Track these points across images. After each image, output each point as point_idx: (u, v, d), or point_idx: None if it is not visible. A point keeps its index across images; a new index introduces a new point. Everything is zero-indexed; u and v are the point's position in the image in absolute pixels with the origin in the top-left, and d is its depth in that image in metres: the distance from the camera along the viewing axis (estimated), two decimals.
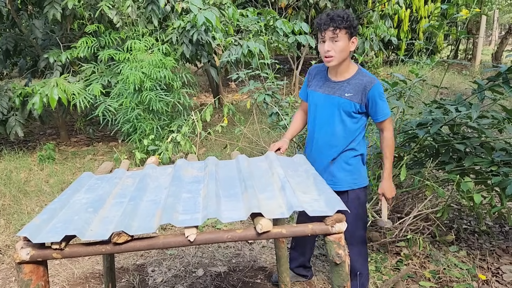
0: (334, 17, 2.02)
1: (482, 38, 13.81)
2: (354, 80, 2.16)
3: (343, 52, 2.08)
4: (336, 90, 2.18)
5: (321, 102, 2.24)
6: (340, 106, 2.17)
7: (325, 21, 2.03)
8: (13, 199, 4.06)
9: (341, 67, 2.16)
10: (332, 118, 2.21)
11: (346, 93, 2.15)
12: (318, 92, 2.25)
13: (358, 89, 2.13)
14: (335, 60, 2.09)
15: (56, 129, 6.83)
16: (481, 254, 2.98)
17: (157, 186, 1.91)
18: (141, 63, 4.63)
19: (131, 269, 2.95)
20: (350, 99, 2.14)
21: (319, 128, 2.28)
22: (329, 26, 2.02)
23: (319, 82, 2.27)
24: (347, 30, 2.04)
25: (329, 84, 2.22)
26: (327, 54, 2.08)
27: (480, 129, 2.66)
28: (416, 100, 6.38)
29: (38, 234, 1.41)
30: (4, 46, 5.78)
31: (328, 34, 2.04)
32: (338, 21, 2.01)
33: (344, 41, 2.06)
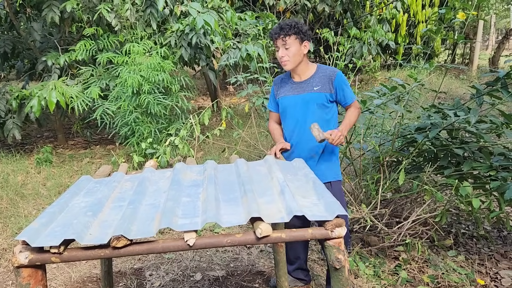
0: (283, 26, 2.25)
1: (479, 42, 13.89)
2: (317, 75, 2.36)
3: (296, 56, 2.29)
4: (305, 88, 2.36)
5: (293, 103, 2.39)
6: (313, 100, 2.34)
7: (275, 31, 2.27)
8: (10, 202, 4.04)
9: (300, 68, 2.37)
10: (307, 113, 2.36)
11: (314, 87, 2.34)
12: (288, 96, 2.41)
13: (324, 80, 2.33)
14: (290, 64, 2.31)
15: (53, 132, 6.81)
16: (479, 258, 2.98)
17: (156, 189, 1.90)
18: (140, 66, 4.63)
19: (129, 273, 2.94)
20: (319, 91, 2.33)
21: (297, 128, 2.39)
22: (279, 35, 2.25)
23: (286, 88, 2.44)
24: (296, 35, 2.26)
25: (296, 86, 2.39)
26: (282, 60, 2.30)
27: (479, 133, 2.67)
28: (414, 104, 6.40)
29: (36, 238, 1.40)
30: (2, 48, 5.77)
31: (280, 42, 2.27)
32: (286, 29, 2.23)
33: (295, 46, 2.27)
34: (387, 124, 4.02)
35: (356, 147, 3.34)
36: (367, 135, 3.56)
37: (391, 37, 9.20)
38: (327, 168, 2.40)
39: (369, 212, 2.83)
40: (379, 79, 10.38)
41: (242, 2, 9.81)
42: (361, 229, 3.13)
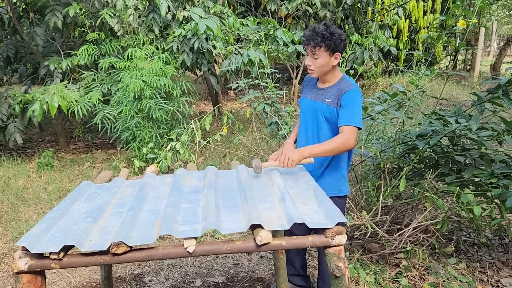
0: (315, 35, 2.10)
1: (480, 49, 13.91)
2: (336, 86, 2.25)
3: (323, 67, 2.18)
4: (320, 96, 2.29)
5: (308, 107, 2.35)
6: (322, 112, 2.26)
7: (307, 37, 2.13)
8: (11, 206, 4.04)
9: (326, 76, 2.27)
10: (317, 123, 2.30)
11: (327, 99, 2.25)
12: (307, 98, 2.38)
13: (336, 94, 2.21)
14: (316, 74, 2.23)
15: (55, 136, 6.82)
16: (480, 266, 2.96)
17: (156, 195, 1.90)
18: (141, 71, 4.64)
19: (129, 279, 2.93)
20: (329, 105, 2.22)
21: (307, 133, 2.37)
22: (309, 44, 2.13)
23: (309, 90, 2.40)
24: (327, 48, 2.12)
25: (316, 91, 2.33)
26: (309, 68, 2.23)
27: (480, 141, 2.66)
28: (415, 110, 6.40)
29: (36, 243, 1.41)
30: (5, 53, 5.80)
31: (309, 50, 2.16)
32: (318, 39, 2.09)
33: (323, 58, 2.15)
34: (388, 131, 4.02)
35: (357, 153, 3.33)
36: (368, 141, 3.56)
37: (392, 43, 9.20)
38: (330, 182, 2.31)
39: (370, 218, 2.82)
40: (380, 85, 10.39)
41: (244, 8, 9.86)
42: (361, 236, 3.12)
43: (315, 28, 2.12)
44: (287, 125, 3.87)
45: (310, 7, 8.34)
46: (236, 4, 9.23)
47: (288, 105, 4.12)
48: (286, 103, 8.46)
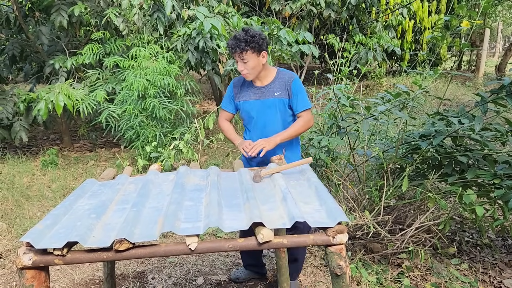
0: (238, 42, 2.23)
1: (485, 50, 13.85)
2: (277, 80, 2.42)
3: (255, 68, 2.32)
4: (266, 93, 2.42)
5: (255, 108, 2.44)
6: (274, 106, 2.41)
7: (232, 46, 2.26)
8: (16, 203, 4.08)
9: (261, 75, 2.41)
10: (271, 118, 2.43)
11: (275, 93, 2.40)
12: (251, 100, 2.45)
13: (283, 86, 2.40)
14: (252, 76, 2.36)
15: (59, 135, 6.86)
16: (483, 267, 2.96)
17: (159, 192, 1.92)
18: (146, 71, 4.66)
19: (131, 276, 2.95)
20: (280, 97, 2.40)
21: (261, 132, 2.44)
22: (236, 51, 2.26)
23: (247, 92, 2.47)
24: (253, 50, 2.26)
25: (258, 91, 2.44)
26: (242, 73, 2.34)
27: (483, 141, 2.66)
28: (418, 111, 6.39)
29: (40, 240, 1.42)
30: (10, 51, 5.84)
31: (237, 57, 2.29)
32: (242, 45, 2.23)
33: (253, 60, 2.29)
34: (391, 131, 4.01)
35: (360, 153, 3.34)
36: (371, 141, 3.56)
37: (396, 44, 9.20)
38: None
39: (372, 218, 2.83)
40: (384, 85, 10.37)
41: (248, 8, 9.87)
42: (364, 235, 3.13)
43: (236, 36, 2.26)
44: None
45: (315, 7, 8.35)
46: (240, 4, 9.24)
47: None
48: None
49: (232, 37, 2.28)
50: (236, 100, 2.52)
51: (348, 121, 3.08)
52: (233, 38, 2.27)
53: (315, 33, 9.99)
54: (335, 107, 3.26)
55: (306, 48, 5.75)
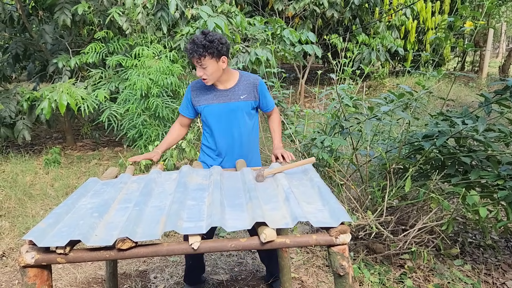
0: (196, 47, 2.14)
1: (489, 50, 13.80)
2: (242, 82, 2.38)
3: (214, 74, 2.25)
4: (231, 97, 2.36)
5: (219, 112, 2.37)
6: (240, 109, 2.37)
7: (190, 51, 2.17)
8: (18, 202, 4.09)
9: (223, 79, 2.34)
10: (235, 122, 2.39)
11: (241, 96, 2.37)
12: (213, 104, 2.37)
13: (249, 88, 2.38)
14: (211, 81, 2.28)
15: (62, 133, 6.88)
16: (486, 268, 2.95)
17: (161, 191, 1.92)
18: (149, 70, 4.66)
19: (134, 275, 2.95)
20: (246, 100, 2.38)
21: (226, 135, 2.41)
22: (194, 56, 2.17)
23: (208, 96, 2.38)
24: (211, 55, 2.17)
25: (221, 94, 2.37)
26: (202, 78, 2.27)
27: (487, 142, 2.65)
28: (422, 111, 6.38)
29: (43, 238, 1.42)
30: (14, 50, 5.86)
31: (196, 62, 2.20)
32: (200, 50, 2.14)
33: (211, 66, 2.21)
34: (394, 131, 4.00)
35: (363, 153, 3.33)
36: (374, 141, 3.55)
37: (400, 44, 9.18)
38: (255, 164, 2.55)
39: (374, 219, 2.82)
40: (387, 86, 10.34)
41: (251, 7, 9.87)
42: (366, 236, 3.12)
43: (194, 40, 2.16)
44: (293, 125, 3.87)
45: (318, 7, 8.33)
46: (244, 4, 9.24)
47: (294, 105, 4.12)
48: (292, 103, 8.45)
49: (191, 40, 2.18)
50: (196, 105, 2.40)
51: (351, 121, 3.07)
52: (191, 42, 2.17)
53: (318, 33, 9.97)
54: (338, 107, 3.26)
55: (309, 48, 5.75)
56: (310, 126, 4.06)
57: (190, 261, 2.60)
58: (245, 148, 2.47)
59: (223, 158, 2.46)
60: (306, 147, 3.61)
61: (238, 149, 2.44)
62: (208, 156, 2.50)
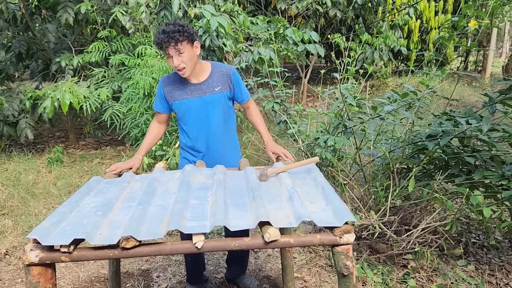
0: (171, 33, 2.08)
1: (492, 50, 13.76)
2: (215, 74, 2.33)
3: (191, 60, 2.20)
4: (205, 90, 2.31)
5: (194, 106, 2.33)
6: (216, 102, 2.33)
7: (164, 39, 2.09)
8: (21, 200, 4.09)
9: (196, 70, 2.29)
10: (211, 115, 2.34)
11: (215, 88, 2.32)
12: (188, 99, 2.32)
13: (223, 79, 2.33)
14: (188, 70, 2.21)
15: (65, 132, 6.89)
16: (490, 269, 2.94)
17: (165, 190, 1.92)
18: (151, 69, 4.66)
19: (136, 274, 2.95)
20: (221, 91, 2.34)
21: (203, 130, 2.37)
22: (170, 43, 2.10)
23: (182, 90, 2.32)
24: (188, 39, 2.14)
25: (195, 88, 2.32)
26: (179, 67, 2.18)
27: (491, 142, 2.64)
28: (425, 111, 6.36)
29: (47, 236, 1.42)
30: (17, 49, 5.87)
31: (172, 51, 2.12)
32: (176, 36, 2.09)
33: (188, 51, 2.16)
34: (397, 131, 3.99)
35: (366, 153, 3.32)
36: (377, 141, 3.54)
37: (403, 43, 9.16)
38: (235, 158, 2.52)
39: (378, 219, 2.81)
40: (390, 85, 10.32)
41: (254, 7, 9.86)
42: (369, 236, 3.11)
43: (164, 30, 2.11)
44: (296, 124, 3.87)
45: (321, 6, 8.32)
46: (246, 3, 9.24)
47: (297, 104, 4.11)
48: (295, 102, 8.44)
49: (160, 32, 2.12)
50: (170, 100, 2.35)
51: (355, 121, 3.07)
52: (162, 32, 2.11)
53: (321, 32, 9.96)
54: (341, 106, 3.25)
55: (312, 47, 5.74)
56: (312, 126, 4.05)
57: (188, 257, 2.58)
58: (224, 140, 2.44)
59: (203, 153, 2.43)
60: (309, 146, 3.61)
61: (217, 143, 2.42)
62: (188, 152, 2.47)
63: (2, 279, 2.90)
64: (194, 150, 2.44)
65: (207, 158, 2.43)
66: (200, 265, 2.66)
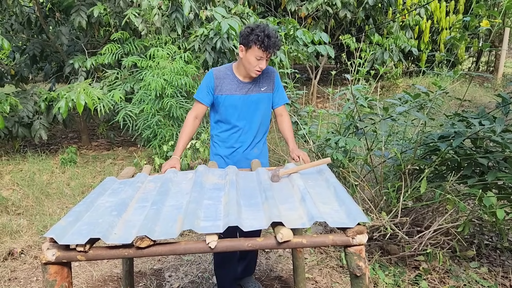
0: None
1: (505, 50, 13.59)
2: (262, 75, 2.40)
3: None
4: (253, 89, 2.39)
5: (241, 103, 2.38)
6: (261, 101, 2.41)
7: (270, 45, 2.19)
8: (36, 200, 4.16)
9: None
10: (255, 114, 2.41)
11: (262, 88, 2.41)
12: (236, 95, 2.37)
13: (268, 80, 2.42)
14: (259, 74, 2.33)
15: (78, 133, 6.97)
16: (503, 271, 2.91)
17: (178, 191, 1.94)
18: (163, 70, 4.71)
19: (149, 274, 2.98)
20: (266, 92, 2.42)
21: (244, 129, 2.42)
22: (271, 50, 2.21)
23: (231, 86, 2.37)
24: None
25: (244, 86, 2.38)
26: (259, 71, 2.29)
27: (504, 143, 2.61)
28: (437, 112, 6.31)
29: (64, 235, 1.45)
30: (31, 51, 5.96)
31: (267, 56, 2.25)
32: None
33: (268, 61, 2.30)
34: (409, 132, 3.97)
35: (377, 154, 3.31)
36: (389, 142, 3.53)
37: (414, 44, 9.09)
38: (265, 159, 2.60)
39: (389, 220, 2.80)
40: (400, 86, 10.26)
41: (264, 8, 9.88)
42: (381, 237, 3.10)
43: (270, 35, 2.18)
44: (307, 125, 3.87)
45: (331, 7, 8.30)
46: (256, 5, 9.26)
47: (307, 105, 4.12)
48: (305, 103, 8.44)
49: (266, 34, 2.17)
50: (217, 93, 2.36)
51: (366, 122, 3.06)
52: (267, 36, 2.17)
53: (331, 33, 9.94)
54: (352, 107, 3.25)
55: (322, 48, 5.73)
56: (323, 127, 4.05)
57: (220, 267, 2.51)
58: (259, 141, 2.50)
59: (236, 148, 2.45)
60: (320, 147, 3.61)
61: (253, 142, 2.47)
62: (221, 148, 2.48)
63: (18, 277, 2.95)
64: (226, 147, 2.46)
65: (239, 155, 2.45)
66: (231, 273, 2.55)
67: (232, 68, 2.41)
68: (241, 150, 2.46)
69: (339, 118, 3.71)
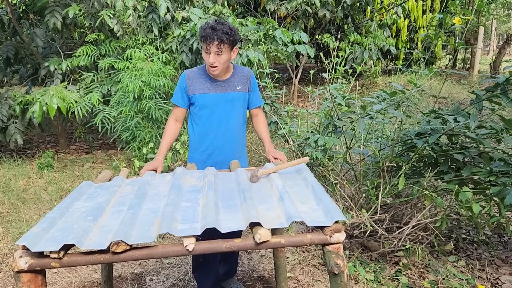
0: (219, 33, 2.13)
1: (480, 48, 13.91)
2: (237, 74, 2.40)
3: (226, 63, 2.25)
4: (227, 88, 2.37)
5: (215, 102, 2.36)
6: (236, 100, 2.39)
7: (210, 35, 2.13)
8: (12, 206, 4.06)
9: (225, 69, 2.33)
10: (231, 113, 2.39)
11: (237, 87, 2.39)
12: (209, 94, 2.34)
13: (244, 80, 2.40)
14: (219, 70, 2.25)
15: (55, 137, 6.84)
16: (480, 264, 2.97)
17: (156, 194, 1.91)
18: (141, 72, 4.65)
19: (129, 278, 2.94)
20: (241, 91, 2.40)
21: (220, 128, 2.40)
22: (214, 41, 2.14)
23: (205, 85, 2.35)
24: (230, 44, 2.19)
25: (218, 84, 2.35)
26: (212, 65, 2.22)
27: (479, 139, 2.67)
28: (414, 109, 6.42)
29: (37, 242, 1.42)
30: (5, 54, 5.82)
31: (213, 48, 2.16)
32: (223, 37, 2.13)
33: (227, 54, 2.22)
34: (387, 129, 4.03)
35: (356, 152, 3.35)
36: (367, 140, 3.56)
37: (392, 42, 9.22)
38: (244, 160, 2.59)
39: (369, 217, 2.83)
40: (380, 84, 10.40)
41: (243, 8, 9.88)
42: (361, 234, 3.13)
43: (214, 26, 2.15)
44: (286, 125, 3.88)
45: (310, 6, 8.36)
46: (236, 4, 9.25)
47: (288, 105, 4.13)
48: (285, 103, 8.47)
49: (209, 26, 2.14)
50: (191, 93, 2.35)
51: (344, 120, 3.09)
52: (210, 27, 2.13)
53: (310, 32, 10.00)
54: (331, 106, 3.27)
55: (302, 48, 5.76)
56: (303, 126, 4.07)
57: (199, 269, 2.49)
58: (236, 141, 2.48)
59: (213, 150, 2.42)
60: (300, 146, 3.62)
61: (230, 142, 2.44)
62: (198, 149, 2.46)
63: None
64: (203, 148, 2.43)
65: (217, 156, 2.42)
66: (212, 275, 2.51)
67: (205, 68, 2.38)
68: (219, 151, 2.43)
69: (318, 117, 3.73)
